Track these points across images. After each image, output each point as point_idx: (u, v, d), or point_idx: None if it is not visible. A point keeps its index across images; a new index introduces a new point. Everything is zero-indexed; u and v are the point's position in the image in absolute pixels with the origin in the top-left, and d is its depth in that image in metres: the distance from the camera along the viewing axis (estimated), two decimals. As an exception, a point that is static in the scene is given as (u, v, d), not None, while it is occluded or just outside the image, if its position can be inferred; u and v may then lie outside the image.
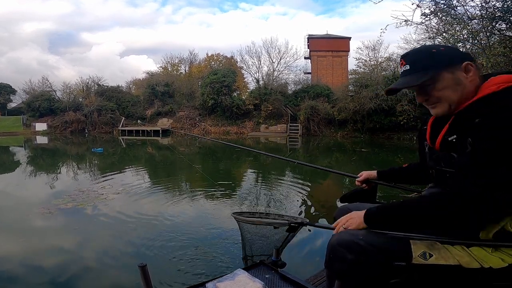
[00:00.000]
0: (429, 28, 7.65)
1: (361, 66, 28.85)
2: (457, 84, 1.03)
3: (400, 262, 1.01)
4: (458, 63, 1.04)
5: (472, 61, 1.06)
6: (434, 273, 0.99)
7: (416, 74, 1.06)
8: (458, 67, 1.04)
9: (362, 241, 1.05)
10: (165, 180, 8.37)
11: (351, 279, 1.08)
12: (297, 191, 7.05)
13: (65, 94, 33.12)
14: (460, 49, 1.22)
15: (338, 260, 1.08)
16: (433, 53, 1.06)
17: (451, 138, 1.04)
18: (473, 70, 1.04)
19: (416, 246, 1.02)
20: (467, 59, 1.05)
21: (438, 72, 1.04)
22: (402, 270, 1.01)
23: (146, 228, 4.25)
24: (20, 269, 3.08)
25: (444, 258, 0.98)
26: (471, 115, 0.98)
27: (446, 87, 1.04)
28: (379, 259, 1.03)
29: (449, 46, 1.14)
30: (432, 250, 1.00)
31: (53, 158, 13.77)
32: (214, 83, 26.99)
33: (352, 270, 1.05)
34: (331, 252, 1.11)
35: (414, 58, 1.09)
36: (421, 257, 1.00)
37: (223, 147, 18.89)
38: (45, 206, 5.20)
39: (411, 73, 1.08)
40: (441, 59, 1.04)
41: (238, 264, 2.86)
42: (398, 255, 1.02)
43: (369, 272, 1.04)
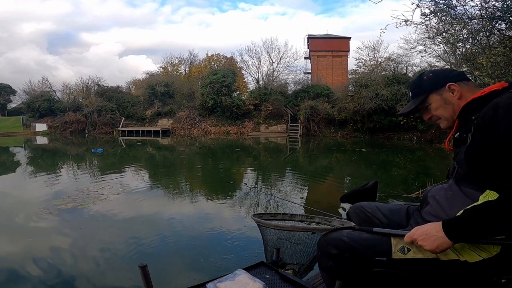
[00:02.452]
0: (429, 28, 7.65)
1: (361, 66, 28.87)
2: (446, 103, 1.22)
3: (381, 257, 1.06)
4: (443, 86, 1.22)
5: (461, 81, 1.22)
6: (413, 267, 1.03)
7: (413, 100, 1.30)
8: (443, 89, 1.22)
9: (346, 237, 1.14)
10: (165, 180, 8.37)
11: (336, 273, 1.17)
12: (297, 190, 7.06)
13: (65, 95, 33.11)
14: (453, 69, 1.34)
15: (325, 256, 1.16)
16: (422, 81, 1.28)
17: (456, 135, 1.21)
18: (457, 88, 1.20)
19: (396, 241, 1.08)
20: (456, 80, 1.22)
21: (427, 96, 1.25)
22: (383, 265, 1.06)
23: (146, 229, 4.25)
24: (20, 269, 3.08)
25: (422, 252, 1.03)
26: (466, 114, 1.15)
27: (438, 107, 1.24)
28: (361, 255, 1.09)
29: (438, 71, 1.30)
30: (411, 245, 1.06)
31: (53, 159, 13.77)
32: (214, 83, 26.98)
33: (337, 265, 1.13)
34: (319, 249, 1.21)
35: (412, 86, 1.33)
36: (400, 252, 1.05)
37: (223, 147, 18.90)
38: (45, 206, 5.20)
39: (411, 99, 1.32)
40: (428, 85, 1.26)
41: (239, 264, 2.86)
42: (379, 250, 1.08)
43: (352, 267, 1.10)
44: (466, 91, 1.19)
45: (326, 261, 1.16)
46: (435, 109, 1.25)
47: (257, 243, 3.69)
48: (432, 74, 1.27)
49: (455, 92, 1.20)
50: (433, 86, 1.24)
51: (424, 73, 1.31)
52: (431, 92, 1.24)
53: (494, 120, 0.98)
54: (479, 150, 1.02)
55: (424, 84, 1.27)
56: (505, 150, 0.94)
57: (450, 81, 1.21)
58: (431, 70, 1.33)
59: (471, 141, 1.07)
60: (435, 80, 1.25)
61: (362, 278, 1.10)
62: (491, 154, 0.98)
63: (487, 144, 0.99)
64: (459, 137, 1.18)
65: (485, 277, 0.99)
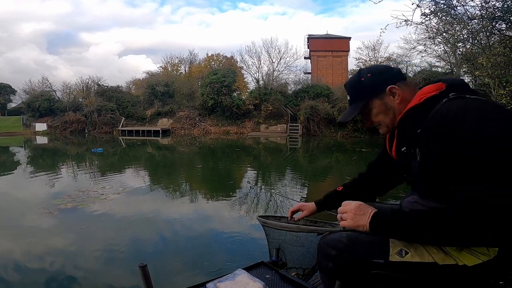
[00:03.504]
0: (429, 28, 7.66)
1: (361, 66, 28.87)
2: (387, 108, 1.13)
3: (379, 260, 1.04)
4: (383, 89, 1.12)
5: (399, 81, 1.13)
6: (411, 270, 1.01)
7: (353, 105, 1.20)
8: (384, 93, 1.12)
9: (344, 238, 1.11)
10: (165, 180, 8.37)
11: (335, 274, 1.16)
12: (298, 190, 7.06)
13: (65, 94, 33.12)
14: (392, 66, 1.26)
15: (325, 257, 1.15)
16: (361, 83, 1.16)
17: (403, 149, 1.13)
18: (398, 91, 1.11)
19: (394, 243, 1.05)
20: (394, 80, 1.13)
21: (368, 101, 1.15)
22: (381, 267, 1.04)
23: (146, 228, 4.25)
24: (20, 269, 3.08)
25: (419, 256, 1.00)
26: (406, 126, 1.07)
27: (379, 113, 1.15)
28: (359, 256, 1.07)
29: (377, 70, 1.18)
30: (409, 247, 1.03)
31: (53, 159, 13.77)
32: (214, 83, 26.99)
33: (336, 266, 1.11)
34: (319, 251, 1.19)
35: (349, 89, 1.22)
36: (398, 254, 1.02)
37: (223, 147, 18.90)
38: (45, 206, 5.20)
39: (350, 104, 1.21)
40: (367, 89, 1.15)
41: (239, 264, 2.86)
42: (376, 252, 1.05)
43: (351, 268, 1.09)
44: (406, 93, 1.11)
45: (326, 263, 1.14)
46: (375, 115, 1.16)
47: (257, 243, 3.69)
48: (370, 75, 1.16)
49: (396, 96, 1.11)
50: (373, 90, 1.14)
51: (362, 73, 1.19)
52: (371, 97, 1.14)
53: (444, 135, 0.91)
54: (432, 166, 0.96)
55: (363, 88, 1.16)
56: (466, 160, 0.86)
57: (390, 83, 1.12)
58: (369, 69, 1.20)
59: (422, 158, 1.00)
60: (375, 83, 1.14)
61: (361, 279, 1.09)
62: (444, 169, 0.92)
63: (440, 159, 0.92)
64: (407, 151, 1.10)
65: (484, 279, 0.97)
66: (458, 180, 0.89)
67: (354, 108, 1.19)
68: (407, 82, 1.14)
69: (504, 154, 0.83)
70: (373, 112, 1.16)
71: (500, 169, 0.83)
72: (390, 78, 1.14)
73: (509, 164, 0.82)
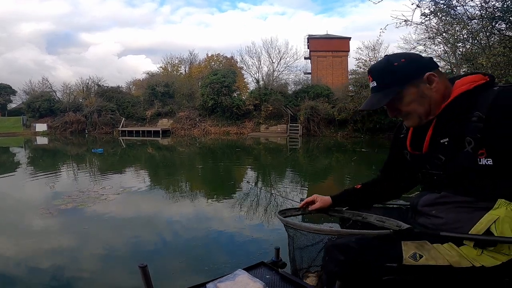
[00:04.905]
0: (429, 28, 7.68)
1: (361, 66, 28.84)
2: (422, 97, 1.05)
3: (392, 264, 1.01)
4: (421, 76, 1.04)
5: (434, 68, 1.06)
6: (426, 274, 0.98)
7: (382, 91, 1.08)
8: (421, 79, 1.04)
9: (354, 243, 1.06)
10: (165, 181, 8.37)
11: (341, 279, 1.11)
12: (298, 190, 7.06)
13: (65, 95, 33.14)
14: (423, 56, 1.20)
15: (332, 261, 1.11)
16: (395, 68, 1.06)
17: (443, 141, 1.04)
18: (436, 79, 1.04)
19: (407, 246, 1.02)
20: (429, 68, 1.06)
21: (402, 88, 1.05)
22: (394, 271, 1.01)
23: (146, 229, 4.25)
24: (20, 270, 3.08)
25: (434, 259, 0.98)
26: (456, 113, 1.01)
27: (412, 101, 1.06)
28: (370, 261, 1.03)
29: (410, 57, 1.09)
30: (422, 251, 1.00)
31: (53, 159, 13.77)
32: (214, 84, 26.99)
33: (344, 271, 1.07)
34: (327, 254, 1.16)
35: (378, 74, 1.10)
36: (412, 258, 0.99)
37: (223, 147, 18.90)
38: (45, 206, 5.20)
39: (378, 91, 1.09)
40: (403, 74, 1.05)
41: (239, 264, 2.86)
42: (389, 256, 1.02)
43: (361, 273, 1.05)
44: (442, 83, 1.05)
45: (333, 267, 1.11)
46: (407, 103, 1.06)
47: (257, 243, 3.69)
48: (404, 60, 1.06)
49: (433, 84, 1.04)
50: (409, 76, 1.04)
51: (392, 58, 1.09)
52: (407, 83, 1.05)
53: (502, 126, 0.91)
54: (503, 151, 0.92)
55: (398, 73, 1.05)
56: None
57: (427, 70, 1.04)
58: (400, 54, 1.11)
59: (479, 145, 0.95)
60: (411, 68, 1.05)
61: (368, 284, 1.06)
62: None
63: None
64: (450, 142, 1.02)
65: (499, 278, 0.95)
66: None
67: (385, 95, 1.07)
68: (440, 72, 1.07)
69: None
70: (405, 101, 1.06)
71: None
72: (427, 65, 1.06)
73: None
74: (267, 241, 3.63)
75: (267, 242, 3.57)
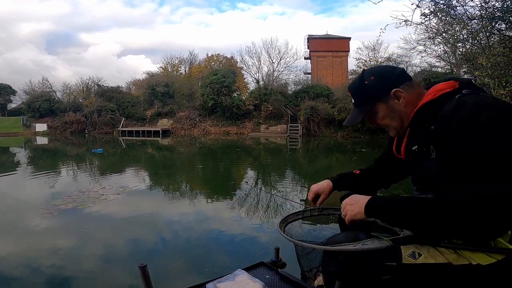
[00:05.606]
0: (428, 28, 7.67)
1: (361, 66, 28.87)
2: (392, 112, 1.12)
3: (391, 263, 1.02)
4: (388, 93, 1.11)
5: (404, 82, 1.10)
6: (425, 272, 0.99)
7: (359, 108, 1.18)
8: (388, 96, 1.11)
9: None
10: (165, 181, 8.37)
11: (340, 278, 1.13)
12: (298, 190, 7.06)
13: (65, 95, 33.16)
14: (395, 66, 1.22)
15: (331, 261, 1.12)
16: (366, 87, 1.14)
17: (414, 148, 1.11)
18: (403, 94, 1.10)
19: (406, 246, 1.04)
20: (398, 83, 1.11)
21: (373, 105, 1.14)
22: (394, 270, 1.02)
23: (146, 229, 4.25)
24: (20, 269, 3.08)
25: (433, 257, 0.99)
26: (420, 122, 1.05)
27: (385, 116, 1.14)
28: (369, 260, 1.04)
29: (381, 73, 1.14)
30: (421, 249, 1.02)
31: (53, 159, 13.77)
32: (214, 84, 26.99)
33: (343, 271, 1.09)
34: (326, 254, 1.16)
35: (354, 92, 1.20)
36: (411, 257, 1.01)
37: (223, 147, 18.90)
38: (45, 206, 5.20)
39: (355, 107, 1.20)
40: (372, 92, 1.13)
41: (239, 264, 2.86)
42: (388, 255, 1.03)
43: (360, 273, 1.06)
44: (411, 95, 1.09)
45: (332, 267, 1.12)
46: (381, 118, 1.15)
47: (257, 243, 3.69)
48: (373, 78, 1.14)
49: (401, 99, 1.10)
50: (377, 94, 1.12)
51: (365, 75, 1.16)
52: (376, 101, 1.13)
53: (446, 139, 0.94)
54: (452, 159, 0.94)
55: (367, 92, 1.14)
56: (476, 155, 0.86)
57: (394, 86, 1.10)
58: (372, 71, 1.17)
59: (439, 155, 0.99)
60: (379, 86, 1.12)
61: (368, 283, 1.06)
62: (459, 165, 0.91)
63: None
64: (418, 150, 1.08)
65: (498, 278, 0.96)
66: (467, 176, 0.88)
67: (359, 112, 1.17)
68: (412, 83, 1.12)
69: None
70: (379, 116, 1.15)
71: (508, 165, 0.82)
72: (394, 80, 1.11)
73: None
74: (267, 241, 3.63)
75: (267, 242, 3.57)
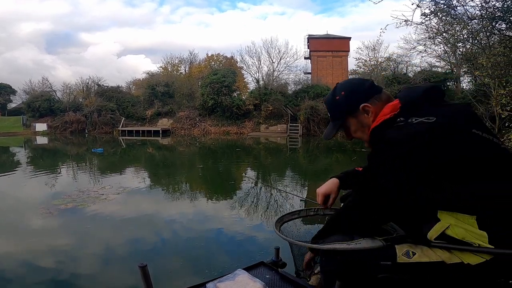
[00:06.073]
0: (429, 28, 7.65)
1: (361, 66, 28.98)
2: (362, 126, 1.18)
3: (386, 262, 1.04)
4: (357, 108, 1.16)
5: (372, 96, 1.16)
6: (420, 271, 1.01)
7: (333, 123, 1.26)
8: (358, 111, 1.17)
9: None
10: (165, 180, 8.37)
11: (339, 278, 1.15)
12: (298, 190, 7.06)
13: (65, 95, 33.11)
14: (365, 79, 1.28)
15: (329, 261, 1.15)
16: (337, 102, 1.21)
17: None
18: (371, 108, 1.15)
19: (400, 245, 1.06)
20: (367, 96, 1.16)
21: (344, 120, 1.21)
22: (389, 269, 1.04)
23: (146, 228, 4.25)
24: (20, 269, 3.08)
25: (427, 256, 1.01)
26: (371, 144, 1.14)
27: (356, 130, 1.21)
28: (365, 259, 1.07)
29: (351, 88, 1.21)
30: (415, 249, 1.04)
31: (53, 159, 13.77)
32: (214, 83, 26.98)
33: (341, 269, 1.11)
34: (323, 255, 1.19)
35: (327, 107, 1.28)
36: (405, 256, 1.03)
37: (223, 147, 18.90)
38: (45, 206, 5.20)
39: (331, 121, 1.28)
40: (343, 108, 1.20)
41: (239, 264, 2.87)
42: (383, 254, 1.06)
43: (357, 272, 1.09)
44: (379, 109, 1.14)
45: (330, 266, 1.15)
46: (353, 132, 1.22)
47: (257, 243, 3.69)
48: (344, 93, 1.20)
49: (369, 113, 1.15)
50: (347, 109, 1.19)
51: (337, 91, 1.22)
52: (347, 116, 1.20)
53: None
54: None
55: (338, 107, 1.21)
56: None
57: (363, 100, 1.15)
58: (343, 86, 1.22)
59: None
60: (348, 102, 1.18)
61: (366, 283, 1.09)
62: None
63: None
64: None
65: (492, 278, 0.97)
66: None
67: (333, 126, 1.25)
68: (381, 96, 1.17)
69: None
70: (351, 130, 1.22)
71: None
72: (363, 95, 1.17)
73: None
74: (267, 241, 3.63)
75: (267, 242, 3.57)
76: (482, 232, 0.94)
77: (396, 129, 1.03)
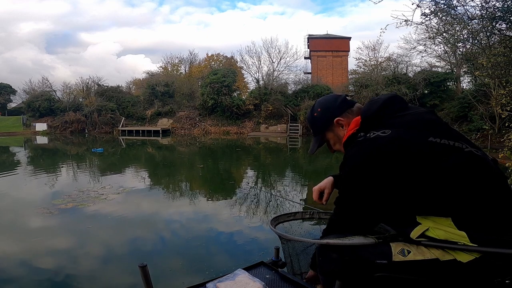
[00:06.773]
0: (429, 28, 7.64)
1: (361, 66, 28.94)
2: (339, 138, 1.25)
3: (382, 260, 1.06)
4: (332, 123, 1.24)
5: (345, 110, 1.23)
6: (415, 268, 1.03)
7: (315, 138, 1.33)
8: (333, 125, 1.24)
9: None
10: (165, 180, 8.37)
11: (338, 277, 1.17)
12: (298, 190, 7.06)
13: (65, 94, 33.09)
14: (338, 95, 1.36)
15: (326, 261, 1.15)
16: (315, 119, 1.29)
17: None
18: (344, 121, 1.22)
19: (395, 243, 1.08)
20: (340, 111, 1.23)
21: (323, 134, 1.29)
22: (385, 267, 1.05)
23: (146, 228, 4.25)
24: (20, 269, 3.08)
25: (421, 253, 1.03)
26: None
27: (335, 143, 1.28)
28: (362, 258, 1.08)
29: (325, 105, 1.28)
30: (410, 247, 1.05)
31: (53, 158, 13.77)
32: (214, 83, 26.98)
33: (339, 268, 1.12)
34: (320, 255, 1.20)
35: (309, 124, 1.36)
36: (400, 254, 1.04)
37: (223, 147, 18.90)
38: (45, 206, 5.20)
39: (313, 136, 1.34)
40: (320, 124, 1.28)
41: (239, 264, 2.87)
42: (379, 253, 1.07)
43: (354, 270, 1.09)
44: (351, 121, 1.21)
45: (328, 266, 1.15)
46: (333, 144, 1.29)
47: (257, 243, 3.69)
48: (320, 109, 1.28)
49: (344, 127, 1.22)
50: (324, 125, 1.27)
51: (315, 107, 1.30)
52: (325, 131, 1.27)
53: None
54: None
55: (317, 123, 1.29)
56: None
57: (336, 115, 1.23)
58: (320, 102, 1.31)
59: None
60: (324, 118, 1.26)
61: (362, 280, 1.10)
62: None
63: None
64: None
65: (487, 277, 0.98)
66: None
67: (316, 141, 1.32)
68: (353, 109, 1.24)
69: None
70: (331, 143, 1.29)
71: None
72: (337, 110, 1.24)
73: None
74: (267, 241, 3.63)
75: (267, 242, 3.58)
76: (461, 232, 0.97)
77: (355, 146, 1.11)
